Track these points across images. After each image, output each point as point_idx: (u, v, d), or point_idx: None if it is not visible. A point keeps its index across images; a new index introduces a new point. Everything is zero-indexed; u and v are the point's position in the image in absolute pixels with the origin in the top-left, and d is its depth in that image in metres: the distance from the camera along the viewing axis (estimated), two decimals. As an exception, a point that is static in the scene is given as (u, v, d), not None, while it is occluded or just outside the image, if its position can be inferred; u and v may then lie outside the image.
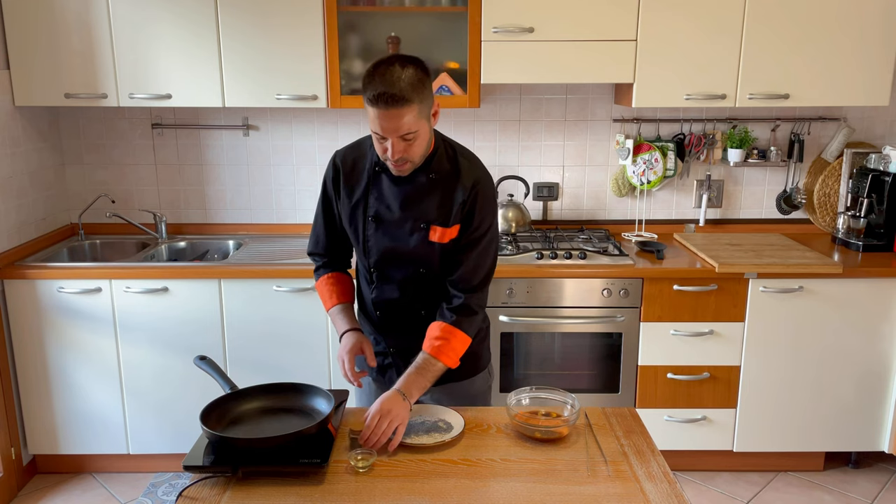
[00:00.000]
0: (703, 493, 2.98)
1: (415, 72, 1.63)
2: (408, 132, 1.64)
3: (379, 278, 1.88)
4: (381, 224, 1.83)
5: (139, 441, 3.01)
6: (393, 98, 1.59)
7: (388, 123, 1.62)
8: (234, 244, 3.30)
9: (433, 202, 1.79)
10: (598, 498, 1.45)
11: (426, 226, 1.80)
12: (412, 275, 1.85)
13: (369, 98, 1.62)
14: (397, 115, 1.61)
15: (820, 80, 2.93)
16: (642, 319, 2.89)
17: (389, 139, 1.65)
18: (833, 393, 2.97)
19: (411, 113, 1.62)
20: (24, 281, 2.84)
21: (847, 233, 3.19)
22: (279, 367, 2.92)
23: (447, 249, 1.82)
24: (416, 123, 1.64)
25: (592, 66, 2.90)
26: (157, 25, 2.89)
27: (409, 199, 1.80)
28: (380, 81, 1.61)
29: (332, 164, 1.90)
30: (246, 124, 3.33)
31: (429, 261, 1.83)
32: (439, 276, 1.85)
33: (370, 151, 1.85)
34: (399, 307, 1.89)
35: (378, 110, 1.62)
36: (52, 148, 3.27)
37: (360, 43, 3.08)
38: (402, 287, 1.87)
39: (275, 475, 1.53)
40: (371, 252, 1.86)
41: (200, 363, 1.79)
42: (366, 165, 1.85)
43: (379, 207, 1.82)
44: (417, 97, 1.62)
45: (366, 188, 1.84)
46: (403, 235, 1.81)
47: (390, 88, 1.59)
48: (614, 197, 3.43)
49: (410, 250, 1.82)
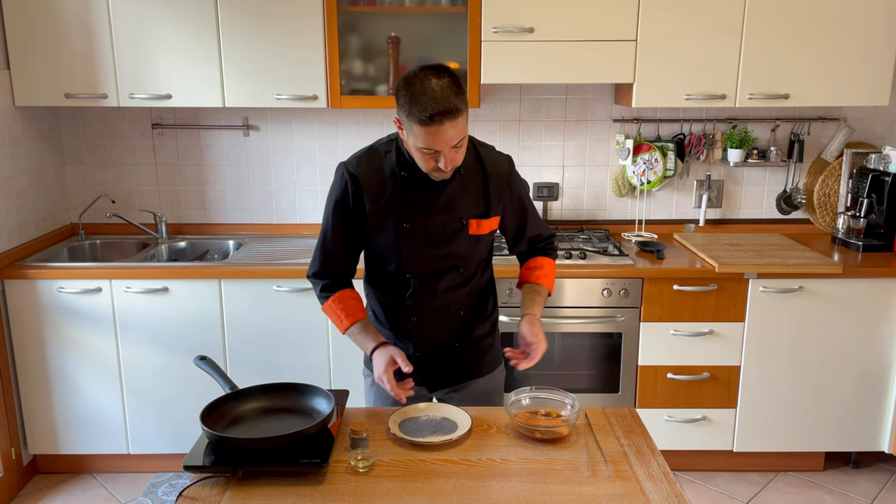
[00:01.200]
0: (703, 493, 2.98)
1: (450, 80, 1.62)
2: (459, 140, 1.65)
3: (416, 284, 1.85)
4: (417, 230, 1.80)
5: (139, 441, 3.01)
6: (446, 114, 1.58)
7: (442, 138, 1.61)
8: (234, 244, 3.30)
9: (468, 196, 1.82)
10: (598, 498, 1.45)
11: (465, 221, 1.82)
12: (450, 276, 1.85)
13: (422, 119, 1.58)
14: (452, 128, 1.61)
15: (820, 80, 2.93)
16: (642, 319, 2.89)
17: (442, 152, 1.64)
18: (833, 393, 2.97)
19: (462, 122, 1.63)
20: (24, 281, 2.84)
21: (847, 233, 3.19)
22: (279, 367, 2.92)
23: (486, 242, 1.90)
24: (465, 129, 1.66)
25: (592, 66, 2.90)
26: (157, 25, 2.89)
27: (444, 198, 1.80)
28: (427, 101, 1.58)
29: (346, 177, 1.80)
30: (246, 124, 3.33)
31: (469, 257, 1.86)
32: (474, 272, 1.90)
33: (387, 158, 1.80)
34: (437, 311, 1.88)
35: (432, 128, 1.59)
36: (52, 148, 3.27)
37: (360, 43, 3.08)
38: (441, 290, 1.86)
39: (275, 475, 1.53)
40: (407, 259, 1.83)
41: (200, 363, 1.79)
42: (386, 172, 1.80)
43: (412, 214, 1.80)
44: (463, 104, 1.63)
45: (392, 195, 1.79)
46: (441, 236, 1.82)
47: (442, 105, 1.58)
48: (614, 197, 3.43)
49: (450, 249, 1.83)
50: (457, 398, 1.97)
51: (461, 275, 1.87)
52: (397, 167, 1.79)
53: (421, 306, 1.87)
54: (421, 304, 1.87)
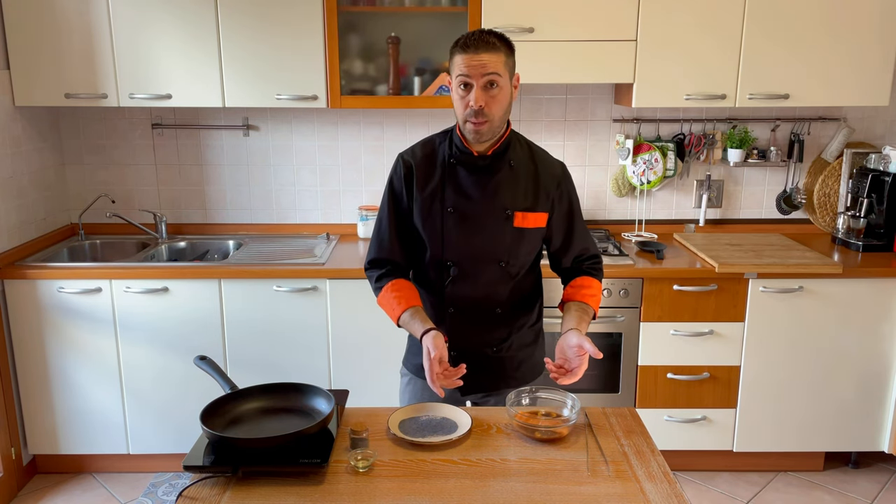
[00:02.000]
0: (703, 493, 2.98)
1: (502, 37, 1.73)
2: (494, 73, 1.68)
3: (456, 273, 1.85)
4: (461, 216, 1.82)
5: (139, 441, 3.01)
6: (483, 42, 1.68)
7: (476, 64, 1.68)
8: (234, 244, 3.30)
9: (517, 189, 1.83)
10: (598, 498, 1.45)
11: (510, 213, 1.82)
12: (492, 268, 1.85)
13: (462, 43, 1.70)
14: (486, 56, 1.68)
15: (820, 81, 2.93)
16: (642, 319, 2.89)
17: (474, 86, 1.69)
18: (833, 393, 2.97)
19: (499, 58, 1.69)
20: (24, 281, 2.84)
21: (847, 233, 3.19)
22: (279, 367, 2.92)
23: (531, 239, 1.86)
24: (503, 70, 1.70)
25: (592, 66, 2.90)
26: (157, 26, 2.89)
27: (491, 187, 1.81)
28: (470, 33, 1.71)
29: (400, 163, 1.87)
30: (246, 124, 3.33)
31: (511, 251, 1.84)
32: (520, 273, 1.88)
33: (441, 147, 1.86)
34: (475, 304, 1.87)
35: (467, 53, 1.68)
36: (52, 148, 3.27)
37: (360, 43, 3.08)
38: (481, 282, 1.85)
39: (275, 475, 1.52)
40: (449, 246, 1.83)
41: (200, 363, 1.79)
42: (438, 160, 1.84)
43: (457, 199, 1.82)
44: (506, 49, 1.72)
45: (441, 181, 1.83)
46: (485, 225, 1.82)
47: (481, 35, 1.69)
48: (614, 197, 3.43)
49: (493, 240, 1.82)
50: (490, 404, 1.94)
51: (503, 270, 1.85)
52: (448, 154, 1.83)
53: (459, 296, 1.86)
54: (459, 294, 1.86)
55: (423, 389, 1.96)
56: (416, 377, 1.98)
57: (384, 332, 2.87)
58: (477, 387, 1.93)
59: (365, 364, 2.93)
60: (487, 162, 1.81)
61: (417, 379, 1.98)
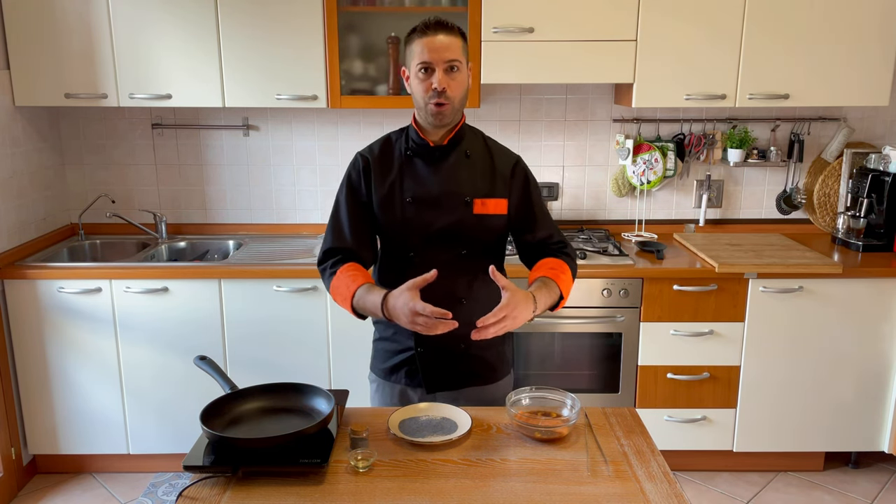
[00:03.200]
0: (703, 493, 2.98)
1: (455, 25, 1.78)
2: (454, 59, 1.73)
3: (419, 263, 1.84)
4: (420, 205, 1.83)
5: (139, 441, 3.01)
6: (443, 24, 1.74)
7: (436, 47, 1.72)
8: (234, 244, 3.30)
9: (474, 176, 1.85)
10: (598, 498, 1.45)
11: (469, 200, 1.83)
12: (454, 257, 1.85)
13: (420, 29, 1.74)
14: (446, 41, 1.73)
15: (820, 81, 2.93)
16: (642, 319, 2.89)
17: (436, 70, 1.72)
18: (833, 393, 2.97)
19: (458, 43, 1.75)
20: (24, 281, 2.84)
21: (847, 233, 3.19)
22: (279, 367, 2.92)
23: (492, 226, 1.86)
24: (461, 56, 1.75)
25: (592, 66, 2.90)
26: (157, 26, 2.89)
27: (448, 176, 1.84)
28: (428, 19, 1.76)
29: (358, 159, 1.90)
30: (246, 124, 3.33)
31: (472, 239, 1.85)
32: (479, 260, 1.86)
33: (397, 143, 1.89)
34: (440, 293, 1.83)
35: (427, 38, 1.73)
36: (52, 148, 3.27)
37: (360, 43, 3.08)
38: (444, 271, 1.82)
39: (275, 475, 1.52)
40: (410, 235, 1.84)
41: (200, 363, 1.79)
42: (395, 154, 1.88)
43: (416, 189, 1.84)
44: (462, 36, 1.78)
45: (399, 173, 1.85)
46: (446, 213, 1.83)
47: (437, 19, 1.75)
48: (614, 197, 3.43)
49: (453, 227, 1.83)
50: (458, 404, 1.93)
51: (465, 258, 1.86)
52: (405, 148, 1.86)
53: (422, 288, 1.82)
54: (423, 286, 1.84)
55: (392, 396, 1.97)
56: (385, 381, 1.98)
57: (384, 332, 2.87)
58: (445, 384, 1.92)
59: (365, 364, 2.92)
60: (443, 151, 1.84)
61: (386, 383, 1.98)
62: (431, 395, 1.94)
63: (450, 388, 1.94)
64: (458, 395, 1.94)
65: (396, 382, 1.96)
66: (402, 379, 1.95)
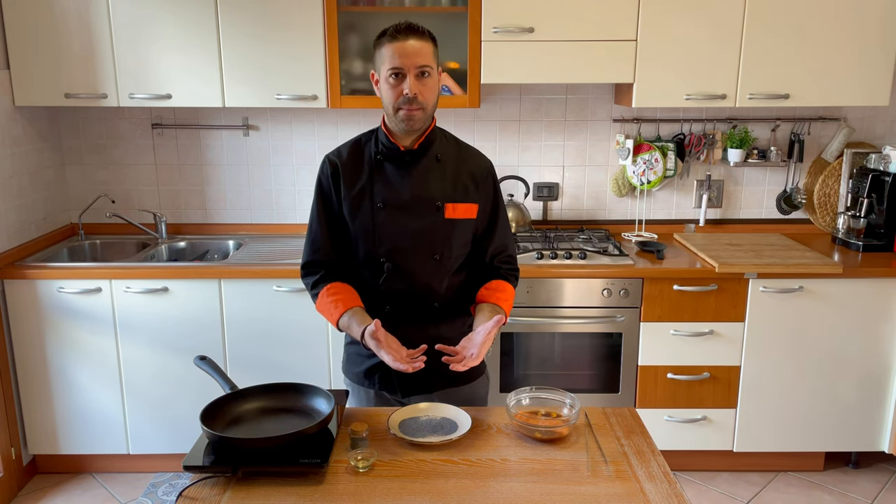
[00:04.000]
0: (703, 493, 2.98)
1: (427, 30, 1.77)
2: (425, 65, 1.72)
3: (390, 268, 1.84)
4: (391, 210, 1.82)
5: (139, 441, 3.01)
6: (413, 29, 1.72)
7: (407, 52, 1.70)
8: (234, 244, 3.30)
9: (445, 181, 1.84)
10: (598, 498, 1.45)
11: (441, 204, 1.83)
12: (426, 262, 1.84)
13: (390, 33, 1.72)
14: (417, 46, 1.71)
15: (820, 80, 2.93)
16: (642, 319, 2.89)
17: (407, 75, 1.71)
18: (833, 393, 2.97)
19: (429, 49, 1.74)
20: (24, 281, 2.84)
21: (847, 233, 3.19)
22: (279, 367, 2.92)
23: (464, 231, 1.87)
24: (432, 61, 1.74)
25: (592, 66, 2.90)
26: (157, 25, 2.89)
27: (419, 180, 1.83)
28: (398, 24, 1.74)
29: (326, 164, 1.88)
30: (246, 124, 3.33)
31: (444, 243, 1.84)
32: (452, 265, 1.87)
33: (367, 146, 1.87)
34: (411, 300, 1.86)
35: (398, 43, 1.71)
36: (52, 148, 3.27)
37: (360, 43, 3.08)
38: (416, 276, 1.85)
39: (275, 475, 1.52)
40: (382, 241, 1.83)
41: (200, 363, 1.79)
42: (365, 158, 1.86)
43: (387, 194, 1.82)
44: (432, 41, 1.76)
45: (369, 178, 1.84)
46: (416, 218, 1.82)
47: (408, 23, 1.74)
48: (614, 197, 3.43)
49: (425, 233, 1.83)
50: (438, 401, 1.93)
51: (438, 263, 1.85)
52: (374, 151, 1.85)
53: (395, 293, 1.85)
54: (395, 291, 1.85)
55: (368, 400, 1.96)
56: (359, 386, 1.97)
57: (384, 332, 2.87)
58: (419, 387, 1.90)
59: (365, 364, 2.93)
60: (414, 156, 1.83)
61: (360, 388, 1.97)
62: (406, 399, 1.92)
63: (424, 391, 1.91)
64: (433, 397, 1.91)
65: (370, 387, 1.95)
66: (375, 384, 1.94)
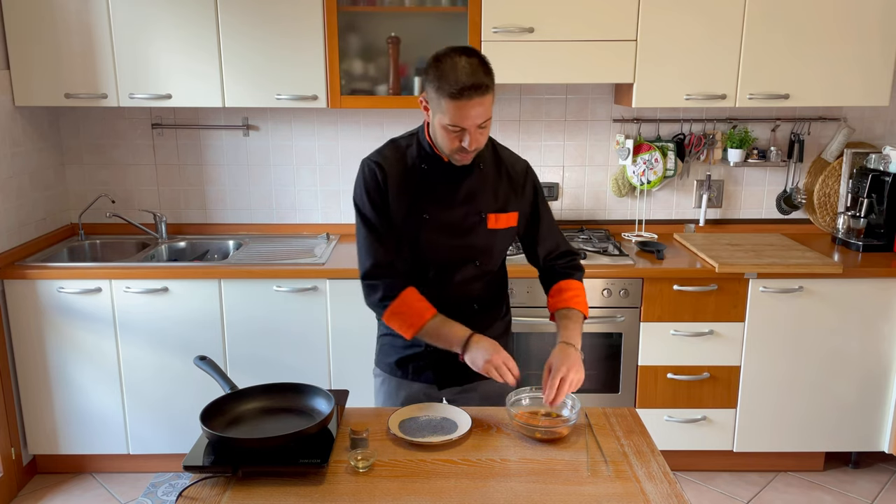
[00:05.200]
0: (703, 493, 2.98)
1: (478, 59, 1.68)
2: (486, 119, 1.68)
3: (435, 276, 1.86)
4: (436, 221, 1.82)
5: (139, 441, 3.01)
6: (476, 88, 1.63)
7: (469, 114, 1.65)
8: (234, 244, 3.30)
9: (488, 191, 1.84)
10: (598, 498, 1.45)
11: (484, 215, 1.83)
12: (468, 269, 1.86)
13: (452, 93, 1.63)
14: (479, 104, 1.65)
15: (820, 80, 2.93)
16: (642, 319, 2.89)
17: (468, 131, 1.67)
18: (833, 393, 2.97)
19: (489, 101, 1.67)
20: (24, 281, 2.84)
21: (847, 233, 3.19)
22: (279, 367, 2.92)
23: (505, 238, 1.88)
24: (490, 110, 1.70)
25: (592, 66, 2.90)
26: (157, 25, 2.89)
27: (463, 191, 1.82)
28: (458, 75, 1.63)
29: (375, 169, 1.80)
30: (246, 124, 3.33)
31: (486, 251, 1.86)
32: (494, 270, 1.91)
33: (407, 152, 1.84)
34: (452, 303, 1.87)
35: (461, 102, 1.63)
36: (52, 148, 3.27)
37: (360, 43, 3.08)
38: (459, 283, 1.86)
39: (275, 475, 1.53)
40: (427, 251, 1.83)
41: (200, 363, 1.79)
42: (408, 164, 1.83)
43: (431, 206, 1.81)
44: (491, 82, 1.68)
45: (413, 187, 1.81)
46: (461, 229, 1.83)
47: (472, 79, 1.63)
48: (614, 197, 3.43)
49: (469, 243, 1.84)
50: (466, 399, 1.95)
51: (478, 268, 1.87)
52: (418, 160, 1.82)
53: (436, 297, 1.85)
54: (436, 294, 1.85)
55: (399, 389, 1.98)
56: (390, 376, 1.99)
57: (384, 332, 2.87)
58: (453, 380, 1.94)
59: (365, 364, 2.92)
60: (457, 166, 1.81)
61: (392, 378, 1.99)
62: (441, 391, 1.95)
63: (458, 383, 1.95)
64: (466, 389, 1.96)
65: (402, 377, 1.97)
66: (408, 374, 1.96)
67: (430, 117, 1.73)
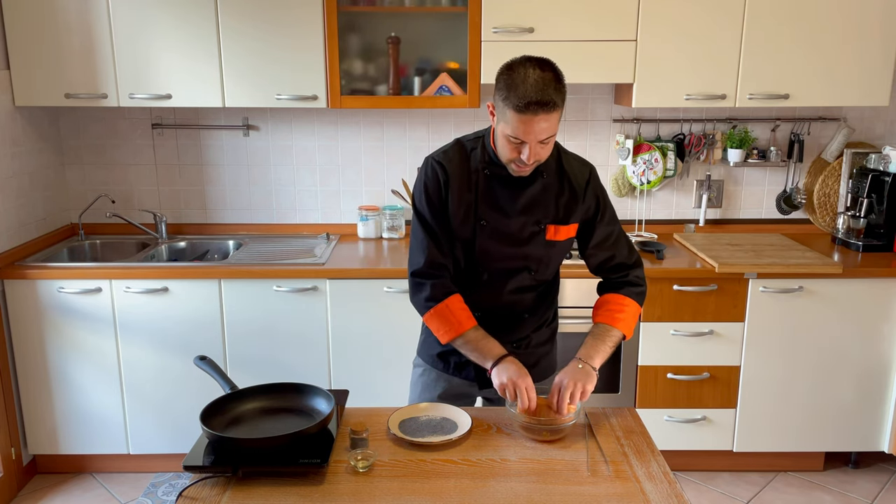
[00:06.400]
0: (703, 493, 2.98)
1: (552, 74, 1.62)
2: (548, 137, 1.64)
3: (488, 281, 1.84)
4: (494, 229, 1.80)
5: (139, 441, 3.01)
6: (542, 105, 1.58)
7: (532, 129, 1.61)
8: (234, 244, 3.30)
9: (549, 201, 1.81)
10: (598, 498, 1.45)
11: (543, 226, 1.81)
12: (523, 277, 1.84)
13: (518, 106, 1.59)
14: (545, 120, 1.61)
15: (820, 80, 2.93)
16: (642, 319, 2.89)
17: (528, 144, 1.64)
18: (833, 393, 2.97)
19: (555, 118, 1.63)
20: (24, 281, 2.84)
21: (847, 233, 3.19)
22: (279, 367, 2.92)
23: (562, 249, 1.86)
24: (556, 127, 1.65)
25: (592, 66, 2.90)
26: (157, 25, 2.89)
27: (524, 201, 1.79)
28: (526, 89, 1.59)
29: (437, 169, 1.80)
30: (246, 124, 3.33)
31: (542, 262, 1.84)
32: (548, 279, 1.89)
33: (472, 155, 1.82)
34: (502, 309, 1.87)
35: (525, 116, 1.60)
36: (52, 148, 3.27)
37: (360, 43, 3.08)
38: (510, 289, 1.85)
39: (275, 475, 1.53)
40: (482, 257, 1.82)
41: (200, 363, 1.79)
42: (470, 169, 1.80)
43: (491, 213, 1.80)
44: (561, 100, 1.63)
45: (475, 192, 1.79)
46: (518, 238, 1.81)
47: (540, 95, 1.58)
48: (614, 197, 3.42)
49: (525, 252, 1.82)
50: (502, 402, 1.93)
51: (531, 277, 1.86)
52: (481, 164, 1.80)
53: (487, 302, 1.85)
54: (488, 301, 1.85)
55: (437, 380, 1.97)
56: (431, 368, 1.99)
57: (384, 332, 2.87)
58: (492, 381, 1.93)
59: (365, 364, 2.93)
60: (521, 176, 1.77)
61: (432, 370, 1.99)
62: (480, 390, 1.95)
63: None
64: None
65: (443, 370, 1.96)
66: (449, 368, 1.95)
67: (495, 123, 1.71)
